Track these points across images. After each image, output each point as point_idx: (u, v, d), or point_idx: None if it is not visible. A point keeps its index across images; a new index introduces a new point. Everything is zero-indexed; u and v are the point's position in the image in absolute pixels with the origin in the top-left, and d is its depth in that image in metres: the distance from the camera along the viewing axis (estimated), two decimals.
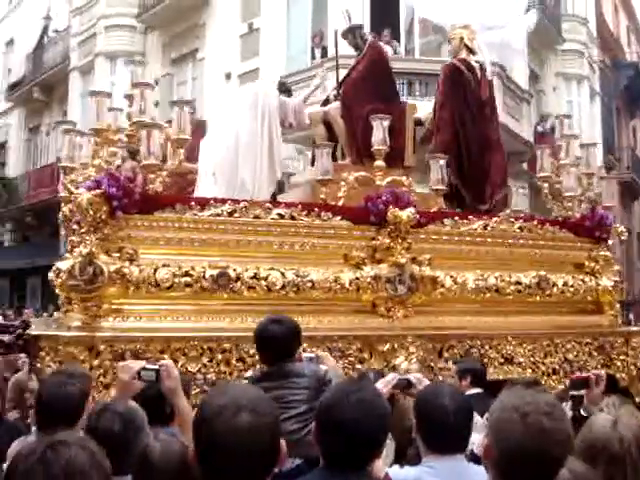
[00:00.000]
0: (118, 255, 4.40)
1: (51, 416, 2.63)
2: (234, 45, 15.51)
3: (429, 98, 12.89)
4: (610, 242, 5.91)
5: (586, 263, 5.84)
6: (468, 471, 2.39)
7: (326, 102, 6.41)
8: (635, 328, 6.12)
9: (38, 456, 1.32)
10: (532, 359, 5.37)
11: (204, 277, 4.54)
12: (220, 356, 4.50)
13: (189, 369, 4.37)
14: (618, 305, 5.97)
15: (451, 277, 5.21)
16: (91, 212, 4.33)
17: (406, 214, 4.99)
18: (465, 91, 5.80)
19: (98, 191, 4.33)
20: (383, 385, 2.86)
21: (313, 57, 14.17)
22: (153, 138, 4.42)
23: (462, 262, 5.37)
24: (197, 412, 1.68)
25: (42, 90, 18.04)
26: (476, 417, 2.63)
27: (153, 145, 4.38)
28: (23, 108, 19.32)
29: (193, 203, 4.68)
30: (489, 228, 5.45)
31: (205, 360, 4.46)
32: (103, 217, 4.37)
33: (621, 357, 5.72)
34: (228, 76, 15.34)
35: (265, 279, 4.68)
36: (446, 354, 5.07)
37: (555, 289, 5.57)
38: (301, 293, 4.78)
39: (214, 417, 1.59)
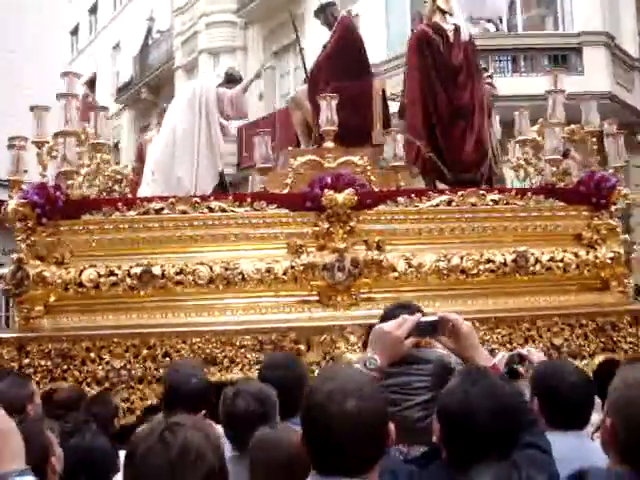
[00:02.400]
0: (47, 260, 4.79)
1: (175, 401, 3.01)
2: None
3: (536, 74, 12.91)
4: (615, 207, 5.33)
5: (584, 234, 5.33)
6: (588, 448, 2.42)
7: None
8: None
9: (157, 436, 1.45)
10: (509, 345, 5.02)
11: (129, 275, 4.80)
12: (145, 352, 4.74)
13: (114, 365, 4.68)
14: (630, 280, 5.39)
15: (406, 260, 5.03)
16: (18, 220, 4.76)
17: (342, 197, 4.90)
18: (434, 58, 5.50)
19: (22, 200, 4.74)
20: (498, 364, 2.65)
21: None
22: (70, 145, 4.73)
23: (424, 243, 5.14)
24: (305, 397, 1.75)
25: (149, 90, 19.32)
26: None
27: (69, 152, 4.69)
28: (132, 109, 20.82)
29: (120, 204, 4.95)
30: (454, 204, 5.17)
31: (130, 356, 4.72)
32: (30, 225, 4.78)
33: (629, 340, 5.17)
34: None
35: (192, 273, 4.85)
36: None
37: (539, 266, 5.15)
38: (232, 286, 4.89)
39: (322, 403, 1.66)
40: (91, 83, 19.23)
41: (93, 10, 23.65)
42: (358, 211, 4.99)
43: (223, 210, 4.95)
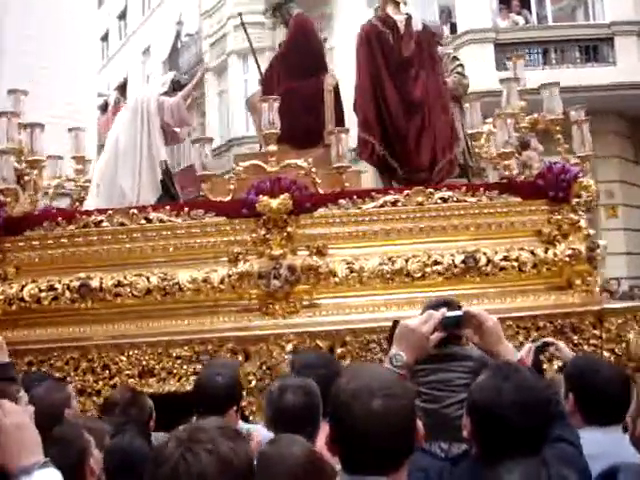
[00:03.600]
0: None
1: (202, 401, 3.14)
2: None
3: (567, 66, 13.08)
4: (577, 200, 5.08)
5: (543, 230, 5.09)
6: (624, 444, 2.45)
7: None
8: (612, 305, 5.15)
9: (178, 457, 1.45)
10: None
11: (68, 289, 4.94)
12: (85, 364, 4.87)
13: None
14: (597, 278, 5.13)
15: (347, 264, 4.95)
16: None
17: (276, 202, 4.88)
18: (384, 51, 5.38)
19: None
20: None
21: None
22: (7, 163, 4.90)
23: (369, 246, 5.05)
24: (332, 396, 1.80)
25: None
26: None
27: (6, 170, 4.85)
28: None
29: (60, 218, 5.08)
30: (400, 204, 5.05)
31: (70, 369, 4.86)
32: None
33: (591, 342, 4.92)
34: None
35: (130, 285, 4.94)
36: (340, 351, 4.86)
37: (490, 267, 4.97)
38: (171, 296, 4.95)
39: (348, 401, 1.70)
40: (122, 88, 19.71)
41: (122, 16, 24.37)
42: (297, 216, 4.92)
43: (161, 220, 4.98)
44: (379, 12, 5.62)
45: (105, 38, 24.02)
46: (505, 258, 4.96)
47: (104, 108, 11.28)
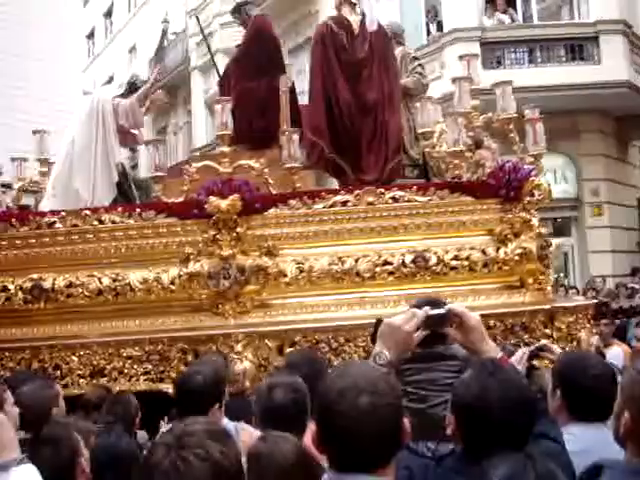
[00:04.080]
0: None
1: (183, 400, 3.18)
2: None
3: (552, 64, 13.07)
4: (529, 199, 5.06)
5: (495, 230, 5.09)
6: (610, 440, 2.37)
7: None
8: (563, 303, 5.13)
9: (168, 464, 1.41)
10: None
11: (21, 290, 4.96)
12: (37, 365, 4.90)
13: None
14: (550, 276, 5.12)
15: (297, 264, 4.96)
16: None
17: (226, 203, 4.89)
18: (337, 52, 5.38)
19: None
20: (518, 363, 2.72)
21: (428, 33, 14.37)
22: None
23: (320, 246, 5.05)
24: (318, 394, 1.79)
25: (167, 92, 19.56)
26: None
27: None
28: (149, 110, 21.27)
29: (13, 220, 5.11)
30: (350, 204, 5.05)
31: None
32: None
33: (542, 340, 4.91)
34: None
35: (82, 286, 4.96)
36: (289, 351, 4.86)
37: (441, 266, 4.97)
38: (123, 297, 4.97)
39: (335, 399, 1.69)
40: None
41: (108, 14, 24.36)
42: (247, 216, 4.93)
43: (113, 222, 5.00)
44: (335, 13, 5.57)
45: (91, 36, 23.99)
46: (456, 257, 4.96)
47: None
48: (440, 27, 14.12)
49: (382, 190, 5.04)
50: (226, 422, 3.23)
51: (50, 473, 2.28)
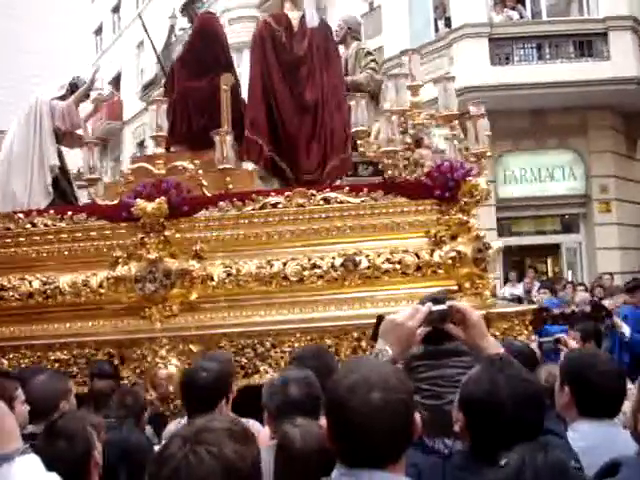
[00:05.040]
0: None
1: (189, 398, 3.16)
2: None
3: (561, 60, 13.05)
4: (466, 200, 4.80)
5: (431, 232, 4.83)
6: (619, 437, 2.46)
7: None
8: (500, 309, 4.82)
9: (182, 458, 1.41)
10: (336, 356, 4.66)
11: None
12: None
13: None
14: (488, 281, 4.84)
15: (225, 267, 4.79)
16: None
17: (151, 206, 4.75)
18: (276, 50, 5.19)
19: None
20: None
21: (437, 29, 14.35)
22: None
23: (249, 249, 4.89)
24: (328, 389, 1.80)
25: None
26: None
27: None
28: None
29: None
30: (280, 206, 4.86)
31: None
32: None
33: None
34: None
35: (13, 289, 4.89)
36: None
37: (372, 270, 4.74)
38: (53, 300, 4.89)
39: (346, 395, 1.69)
40: (116, 82, 19.74)
41: (116, 9, 24.39)
42: (176, 219, 4.78)
43: (46, 225, 4.91)
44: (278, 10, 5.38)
45: (99, 32, 24.16)
46: (388, 261, 4.70)
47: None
48: (449, 23, 14.08)
49: (313, 192, 4.84)
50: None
51: (65, 466, 2.30)
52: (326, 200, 4.87)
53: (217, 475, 1.38)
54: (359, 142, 4.89)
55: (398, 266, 4.76)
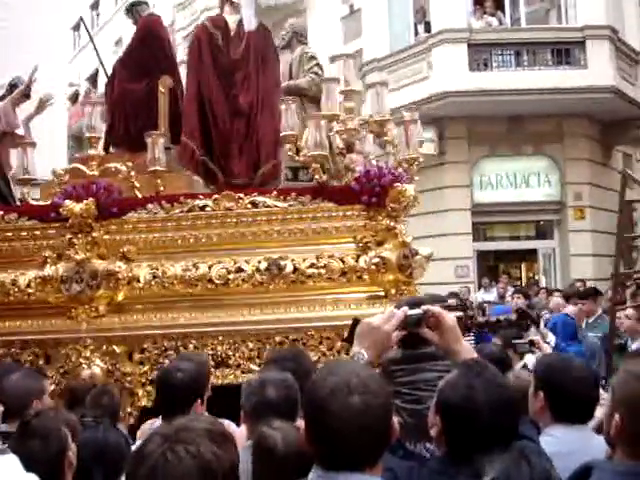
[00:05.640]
0: None
1: (165, 399, 3.14)
2: (335, 28, 16.23)
3: (539, 68, 13.22)
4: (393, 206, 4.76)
5: (357, 237, 4.81)
6: (592, 442, 2.51)
7: None
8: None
9: (160, 455, 1.42)
10: (259, 360, 4.65)
11: None
12: None
13: None
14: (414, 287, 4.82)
15: (152, 269, 4.78)
16: None
17: (79, 207, 4.75)
18: (212, 54, 5.18)
19: None
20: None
21: (416, 33, 14.49)
22: None
23: (176, 251, 4.87)
24: (308, 392, 1.80)
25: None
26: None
27: None
28: None
29: None
30: (208, 208, 4.84)
31: None
32: None
33: None
34: (332, 59, 15.57)
35: None
36: (137, 357, 4.70)
37: (297, 274, 4.72)
38: None
39: (326, 398, 1.69)
40: (93, 79, 19.59)
41: (95, 6, 24.40)
42: (104, 220, 4.77)
43: None
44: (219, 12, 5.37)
45: (77, 28, 23.98)
46: (313, 265, 4.67)
47: (75, 98, 11.26)
48: (428, 28, 14.24)
49: (241, 195, 4.83)
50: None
51: (38, 466, 2.29)
52: (254, 204, 4.87)
53: (193, 475, 1.39)
54: (287, 146, 4.86)
55: (323, 271, 4.75)
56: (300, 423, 1.89)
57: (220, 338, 4.71)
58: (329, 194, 4.90)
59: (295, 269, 4.77)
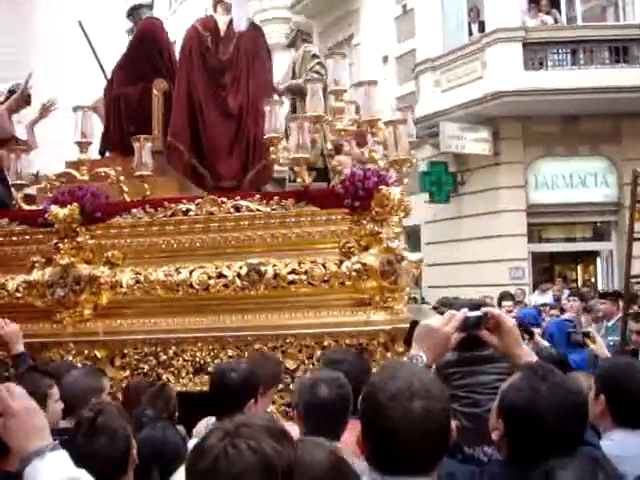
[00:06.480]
0: None
1: (217, 401, 3.22)
2: (389, 28, 16.22)
3: (595, 66, 12.91)
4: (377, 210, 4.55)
5: (341, 242, 4.62)
6: None
7: None
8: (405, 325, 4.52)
9: (221, 449, 1.43)
10: None
11: None
12: None
13: None
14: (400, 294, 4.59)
15: (135, 274, 4.75)
16: None
17: (63, 212, 4.78)
18: (202, 56, 5.13)
19: None
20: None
21: (470, 33, 14.39)
22: None
23: (160, 256, 4.84)
24: (367, 395, 1.77)
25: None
26: None
27: None
28: None
29: None
30: (191, 213, 4.77)
31: None
32: None
33: (382, 364, 4.41)
34: (385, 59, 16.09)
35: None
36: (119, 362, 4.68)
37: (278, 280, 4.58)
38: None
39: (387, 403, 1.67)
40: None
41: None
42: (89, 225, 4.77)
43: None
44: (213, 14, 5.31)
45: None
46: (294, 271, 4.52)
47: None
48: (482, 27, 14.06)
49: (224, 199, 4.74)
50: None
51: (103, 463, 2.34)
52: (236, 208, 4.77)
53: (255, 470, 1.40)
54: (271, 149, 4.72)
55: (304, 277, 4.60)
56: (356, 423, 1.78)
57: (199, 344, 4.64)
58: (313, 198, 4.75)
59: (276, 275, 4.65)
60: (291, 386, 4.19)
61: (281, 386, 4.21)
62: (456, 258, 13.70)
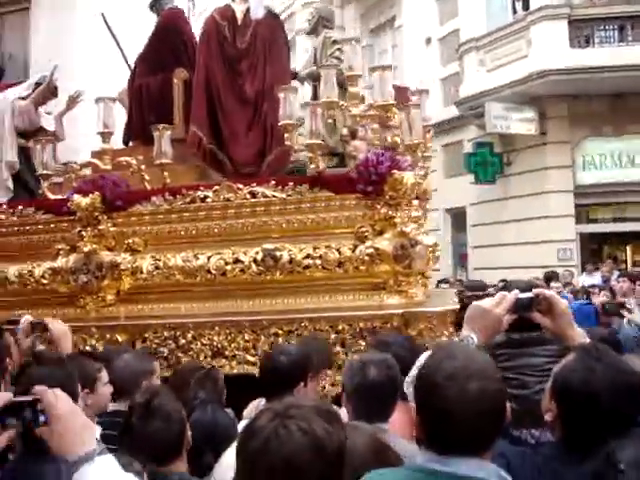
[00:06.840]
0: None
1: (267, 384, 3.22)
2: (431, 9, 16.26)
3: None
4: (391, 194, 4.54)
5: (356, 227, 4.62)
6: None
7: None
8: (420, 308, 4.48)
9: (272, 429, 1.44)
10: (254, 351, 4.61)
11: None
12: None
13: None
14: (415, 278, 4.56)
15: (154, 260, 4.87)
16: None
17: (85, 200, 4.91)
18: (220, 44, 5.19)
19: None
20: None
21: (514, 11, 14.22)
22: None
23: (179, 242, 4.94)
24: (422, 376, 1.80)
25: None
26: None
27: None
28: None
29: None
30: (209, 200, 4.84)
31: None
32: None
33: None
34: (428, 41, 16.14)
35: None
36: (139, 346, 4.81)
37: (293, 265, 4.62)
38: (2, 288, 5.18)
39: (444, 383, 1.68)
40: None
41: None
42: (111, 213, 4.91)
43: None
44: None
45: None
46: (309, 256, 4.56)
47: None
48: (526, 5, 13.78)
49: (240, 186, 4.80)
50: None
51: (159, 446, 2.37)
52: (252, 194, 4.81)
53: (306, 450, 1.41)
54: (286, 135, 4.75)
55: (319, 262, 4.62)
56: (403, 405, 1.79)
57: (216, 329, 4.72)
58: (327, 183, 4.76)
59: (291, 260, 4.69)
60: None
61: None
62: (502, 240, 13.61)
